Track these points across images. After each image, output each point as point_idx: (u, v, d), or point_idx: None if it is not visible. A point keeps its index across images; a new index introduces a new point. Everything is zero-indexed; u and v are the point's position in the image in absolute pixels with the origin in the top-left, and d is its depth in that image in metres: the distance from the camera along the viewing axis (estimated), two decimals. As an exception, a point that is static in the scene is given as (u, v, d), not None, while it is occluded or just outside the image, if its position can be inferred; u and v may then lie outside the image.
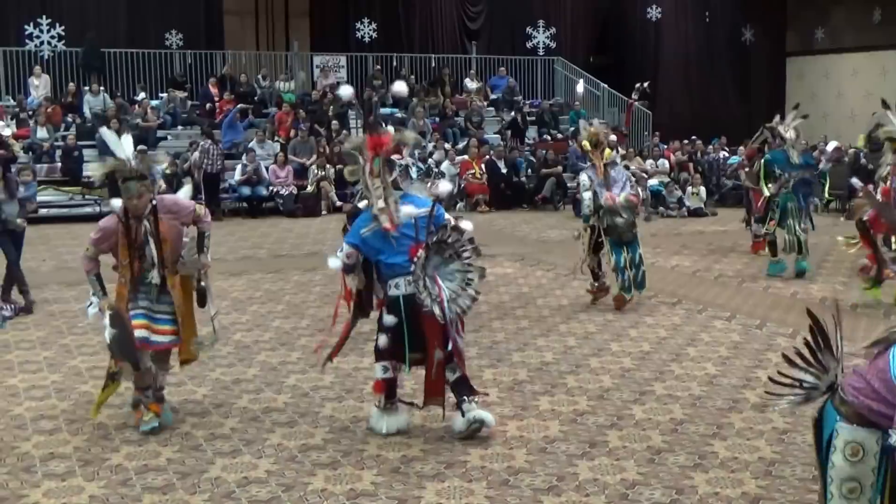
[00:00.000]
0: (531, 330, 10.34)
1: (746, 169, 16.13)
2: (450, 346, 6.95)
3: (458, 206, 21.50)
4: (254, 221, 20.02)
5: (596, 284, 11.56)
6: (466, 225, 7.13)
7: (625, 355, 9.27)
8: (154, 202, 7.07)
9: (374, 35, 28.32)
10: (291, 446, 6.85)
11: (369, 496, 5.97)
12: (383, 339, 7.03)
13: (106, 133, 7.78)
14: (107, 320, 6.92)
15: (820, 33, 31.63)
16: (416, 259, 6.81)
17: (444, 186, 7.88)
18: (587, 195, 11.30)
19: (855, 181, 20.47)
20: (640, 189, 11.42)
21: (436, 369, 7.00)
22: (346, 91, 9.20)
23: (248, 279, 13.06)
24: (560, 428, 7.20)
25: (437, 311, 6.77)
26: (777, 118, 14.31)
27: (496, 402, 7.82)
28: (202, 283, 7.37)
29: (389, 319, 6.98)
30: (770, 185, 13.16)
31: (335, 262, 7.20)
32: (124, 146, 7.19)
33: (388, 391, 7.15)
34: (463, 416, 6.95)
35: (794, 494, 5.96)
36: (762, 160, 13.80)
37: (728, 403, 7.77)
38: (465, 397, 6.99)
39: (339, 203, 20.24)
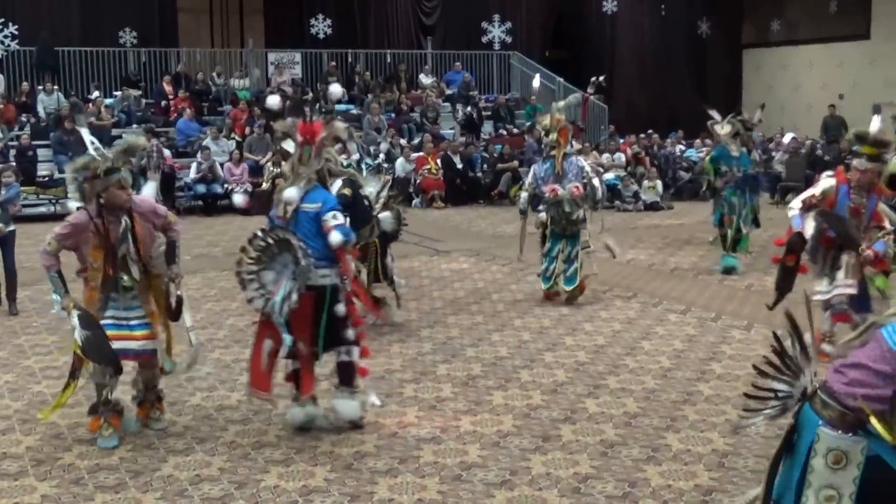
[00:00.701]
0: (486, 325, 10.34)
1: None
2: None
3: (413, 202, 21.48)
4: (209, 219, 19.87)
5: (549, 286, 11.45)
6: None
7: (579, 349, 9.29)
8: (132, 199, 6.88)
9: (329, 31, 28.17)
10: (245, 443, 6.82)
11: (322, 492, 5.95)
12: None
13: (84, 133, 7.36)
14: (75, 321, 6.62)
15: (776, 25, 31.83)
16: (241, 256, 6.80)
17: (373, 183, 7.74)
18: (523, 195, 11.47)
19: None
20: (597, 182, 11.28)
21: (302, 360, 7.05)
22: (272, 101, 9.20)
23: (203, 277, 12.97)
24: (513, 422, 7.20)
25: (256, 305, 6.78)
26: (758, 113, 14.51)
27: (450, 397, 7.83)
28: (179, 294, 7.10)
29: None
30: (717, 180, 13.25)
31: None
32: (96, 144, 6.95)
33: (297, 382, 7.12)
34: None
35: (747, 486, 5.96)
36: (708, 157, 13.95)
37: (682, 396, 7.82)
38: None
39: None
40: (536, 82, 25.89)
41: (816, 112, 26.78)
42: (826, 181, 8.55)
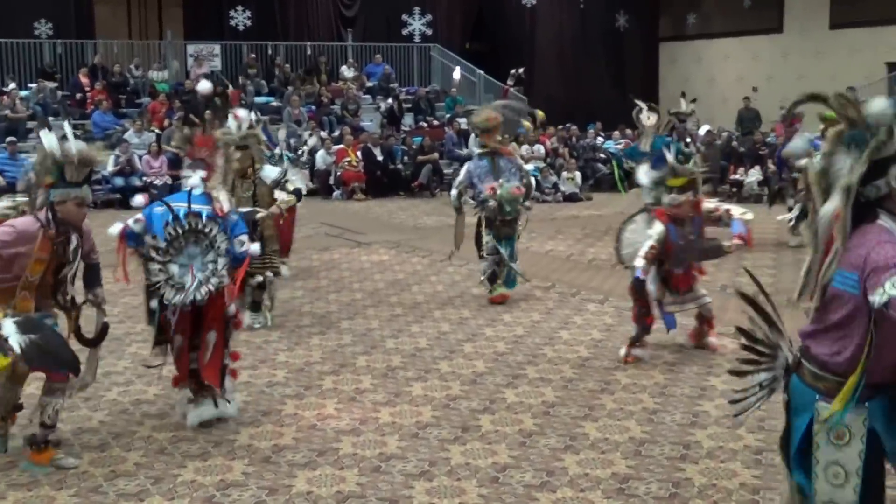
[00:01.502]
0: (405, 316, 10.35)
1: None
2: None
3: (334, 194, 21.43)
4: (127, 212, 19.55)
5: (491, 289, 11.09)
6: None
7: (498, 340, 9.34)
8: None
9: (249, 23, 27.98)
10: (161, 438, 6.74)
11: (240, 486, 5.91)
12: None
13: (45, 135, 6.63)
14: (8, 329, 5.78)
15: (692, 19, 32.23)
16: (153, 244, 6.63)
17: (270, 172, 7.65)
18: (453, 193, 11.21)
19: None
20: (530, 179, 11.27)
21: (211, 354, 6.93)
22: (203, 86, 9.07)
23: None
24: (433, 413, 7.23)
25: (168, 294, 6.62)
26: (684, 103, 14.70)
27: (369, 388, 7.82)
28: (105, 322, 6.76)
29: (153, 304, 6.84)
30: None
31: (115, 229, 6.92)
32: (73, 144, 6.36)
33: (194, 383, 7.05)
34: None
35: (663, 473, 6.07)
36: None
37: (600, 385, 7.89)
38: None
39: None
40: (457, 74, 26.02)
41: (731, 104, 27.18)
42: (657, 228, 8.30)
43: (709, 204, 8.67)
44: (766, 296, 4.35)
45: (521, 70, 25.09)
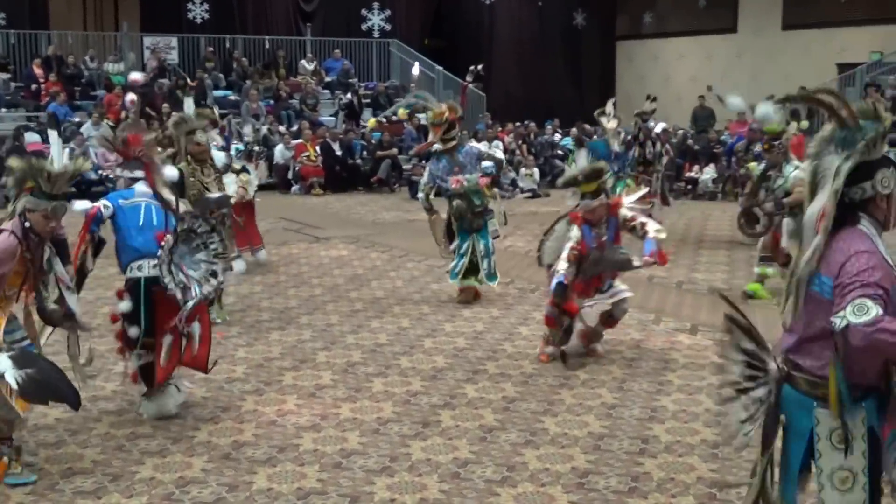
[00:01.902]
0: (365, 312, 10.35)
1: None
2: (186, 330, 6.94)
3: (292, 188, 21.37)
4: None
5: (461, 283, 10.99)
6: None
7: (458, 335, 9.36)
8: None
9: (207, 16, 27.79)
10: (119, 435, 6.70)
11: (199, 483, 5.88)
12: (134, 330, 6.89)
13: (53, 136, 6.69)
14: (3, 364, 5.58)
15: (648, 18, 32.44)
16: (162, 243, 6.67)
17: (170, 172, 7.58)
18: (420, 196, 11.05)
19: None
20: (499, 154, 11.31)
21: (167, 353, 6.90)
22: (134, 76, 9.12)
23: (76, 265, 12.68)
24: (393, 409, 7.23)
25: (178, 295, 6.67)
26: (610, 105, 14.71)
27: (329, 384, 7.82)
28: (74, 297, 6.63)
29: (125, 305, 6.89)
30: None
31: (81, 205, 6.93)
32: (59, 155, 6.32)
33: (147, 377, 7.03)
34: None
35: (622, 468, 6.12)
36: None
37: (559, 380, 7.92)
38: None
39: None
40: (416, 70, 25.96)
41: (686, 103, 27.35)
42: (574, 231, 8.15)
43: (627, 212, 8.40)
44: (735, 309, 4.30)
45: (479, 67, 24.98)
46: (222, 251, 7.04)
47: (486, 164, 11.47)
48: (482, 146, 12.26)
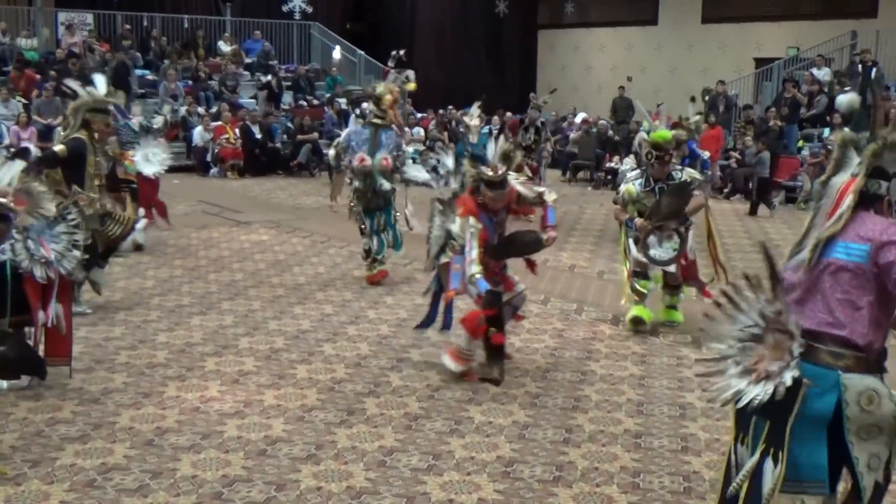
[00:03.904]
0: (287, 298, 10.28)
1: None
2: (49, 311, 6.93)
3: (211, 171, 21.13)
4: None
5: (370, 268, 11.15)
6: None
7: (382, 323, 9.34)
8: None
9: (124, -8, 27.31)
10: (37, 420, 6.57)
11: (122, 470, 5.80)
12: None
13: None
14: None
15: (570, 7, 32.59)
16: (15, 223, 6.60)
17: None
18: (331, 152, 11.32)
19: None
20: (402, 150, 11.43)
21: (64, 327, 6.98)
22: None
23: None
24: (318, 396, 7.20)
25: (38, 272, 6.73)
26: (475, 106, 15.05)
27: (252, 371, 7.75)
28: None
29: None
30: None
31: None
32: None
33: None
34: None
35: (546, 457, 6.16)
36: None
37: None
38: None
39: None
40: (337, 54, 25.83)
41: (606, 93, 27.63)
42: (471, 222, 7.43)
43: (524, 189, 7.94)
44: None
45: (401, 52, 24.97)
46: (80, 221, 7.05)
47: (407, 150, 11.63)
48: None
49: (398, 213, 11.12)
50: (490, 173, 7.53)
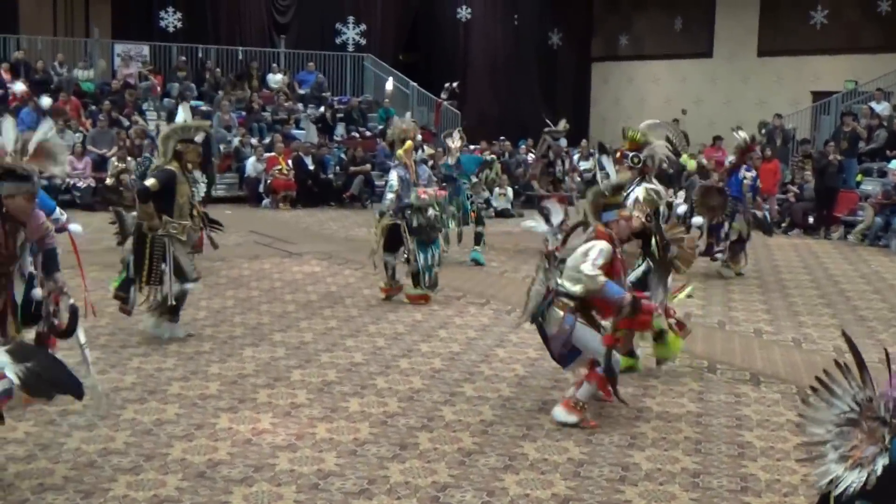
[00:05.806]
0: (340, 330, 10.22)
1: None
2: None
3: (263, 202, 21.24)
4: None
5: (391, 283, 11.82)
6: None
7: (434, 356, 9.25)
8: None
9: (179, 24, 27.62)
10: (90, 451, 6.54)
11: (173, 502, 5.75)
12: None
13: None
14: (1, 360, 5.36)
15: (624, 40, 32.53)
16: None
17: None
18: (390, 196, 11.42)
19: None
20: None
21: None
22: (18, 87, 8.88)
23: (44, 274, 12.49)
24: (370, 430, 7.11)
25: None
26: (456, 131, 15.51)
27: (305, 403, 7.69)
28: (72, 303, 6.56)
29: None
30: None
31: None
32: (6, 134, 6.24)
33: None
34: None
35: (603, 495, 6.03)
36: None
37: (537, 405, 7.83)
38: None
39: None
40: (389, 85, 25.89)
41: (660, 126, 27.48)
42: (605, 248, 7.20)
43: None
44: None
45: (454, 84, 25.05)
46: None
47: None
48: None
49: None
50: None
